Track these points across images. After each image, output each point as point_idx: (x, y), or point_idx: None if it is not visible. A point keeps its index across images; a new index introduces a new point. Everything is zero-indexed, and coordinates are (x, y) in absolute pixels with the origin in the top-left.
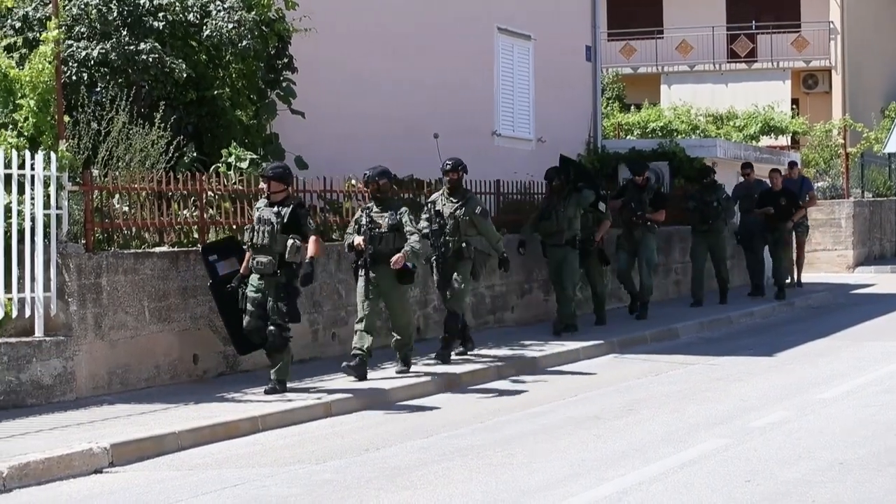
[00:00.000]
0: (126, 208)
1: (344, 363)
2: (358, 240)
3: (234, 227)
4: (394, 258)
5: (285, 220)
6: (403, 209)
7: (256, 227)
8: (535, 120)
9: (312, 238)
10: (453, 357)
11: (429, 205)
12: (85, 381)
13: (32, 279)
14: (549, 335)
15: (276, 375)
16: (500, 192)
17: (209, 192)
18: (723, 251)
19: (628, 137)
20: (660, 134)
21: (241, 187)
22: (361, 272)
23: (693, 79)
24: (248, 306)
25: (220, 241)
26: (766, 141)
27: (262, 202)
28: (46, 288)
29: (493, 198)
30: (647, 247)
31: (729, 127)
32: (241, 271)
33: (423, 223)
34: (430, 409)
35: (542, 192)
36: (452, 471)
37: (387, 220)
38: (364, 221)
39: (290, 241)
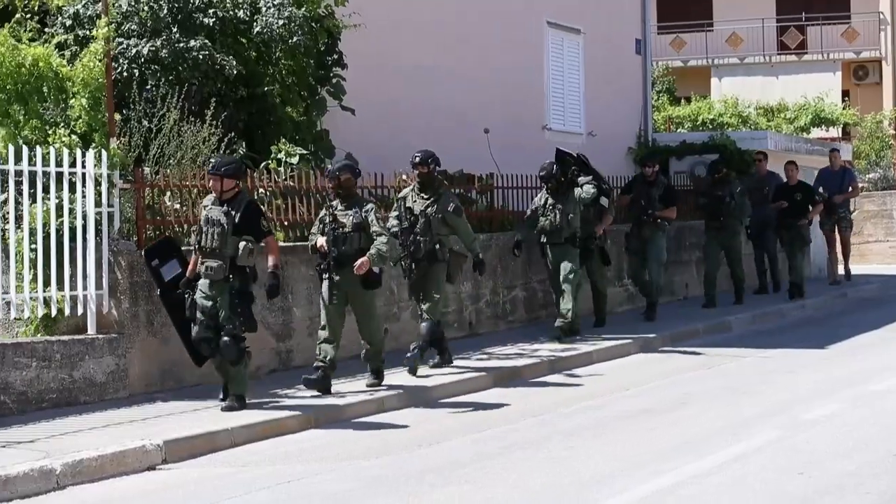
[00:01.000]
0: (177, 205)
1: (304, 376)
2: (321, 241)
3: (286, 223)
4: (357, 263)
5: (237, 221)
6: (369, 206)
7: (205, 229)
8: (585, 114)
9: (270, 241)
10: (502, 353)
11: (398, 201)
12: (137, 379)
13: (84, 277)
14: (603, 331)
15: (234, 390)
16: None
17: (260, 189)
18: (737, 250)
19: (679, 130)
20: (710, 127)
21: (291, 183)
22: (325, 275)
23: (743, 71)
24: (198, 314)
25: (156, 243)
26: (816, 133)
27: (208, 199)
28: (98, 286)
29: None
30: (656, 245)
31: (779, 119)
32: (186, 275)
33: (392, 221)
34: (484, 404)
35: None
36: (508, 465)
37: (351, 218)
38: (328, 221)
39: (242, 244)
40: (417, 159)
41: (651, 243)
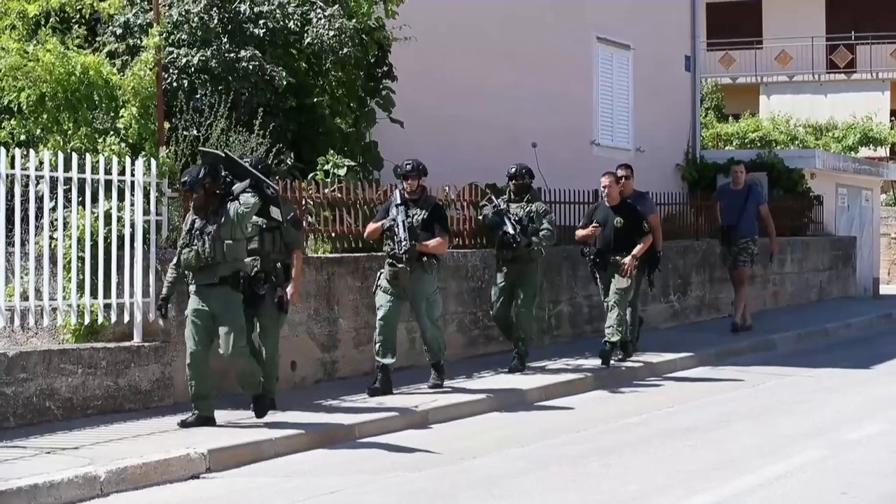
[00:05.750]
0: None
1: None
2: None
3: (333, 234)
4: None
5: None
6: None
7: None
8: (633, 129)
9: None
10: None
11: None
12: (183, 387)
13: (131, 285)
14: (648, 348)
15: None
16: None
17: (308, 200)
18: (530, 288)
19: (727, 148)
20: (758, 144)
21: (339, 195)
22: None
23: (792, 89)
24: None
25: None
26: (864, 152)
27: None
28: (145, 293)
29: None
30: (420, 292)
31: (828, 138)
32: None
33: None
34: (526, 419)
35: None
36: (548, 480)
37: None
38: None
39: None
40: None
41: (414, 289)
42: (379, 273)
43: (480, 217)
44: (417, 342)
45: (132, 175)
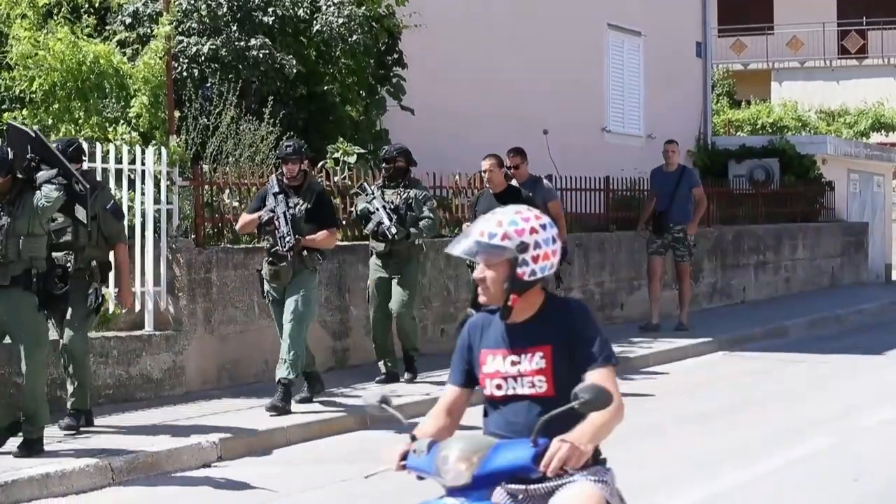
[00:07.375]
0: (236, 203)
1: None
2: None
3: (343, 222)
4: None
5: None
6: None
7: None
8: (644, 116)
9: None
10: None
11: None
12: (194, 376)
13: (143, 274)
14: (661, 334)
15: None
16: (609, 188)
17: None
18: (410, 287)
19: (738, 134)
20: (770, 130)
21: (349, 182)
22: None
23: (803, 75)
24: None
25: None
26: (876, 137)
27: None
28: (156, 282)
29: (603, 194)
30: (295, 285)
31: (839, 123)
32: None
33: None
34: None
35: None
36: None
37: None
38: None
39: None
40: None
41: (292, 289)
42: (259, 274)
43: (353, 209)
44: (429, 329)
45: (143, 164)
